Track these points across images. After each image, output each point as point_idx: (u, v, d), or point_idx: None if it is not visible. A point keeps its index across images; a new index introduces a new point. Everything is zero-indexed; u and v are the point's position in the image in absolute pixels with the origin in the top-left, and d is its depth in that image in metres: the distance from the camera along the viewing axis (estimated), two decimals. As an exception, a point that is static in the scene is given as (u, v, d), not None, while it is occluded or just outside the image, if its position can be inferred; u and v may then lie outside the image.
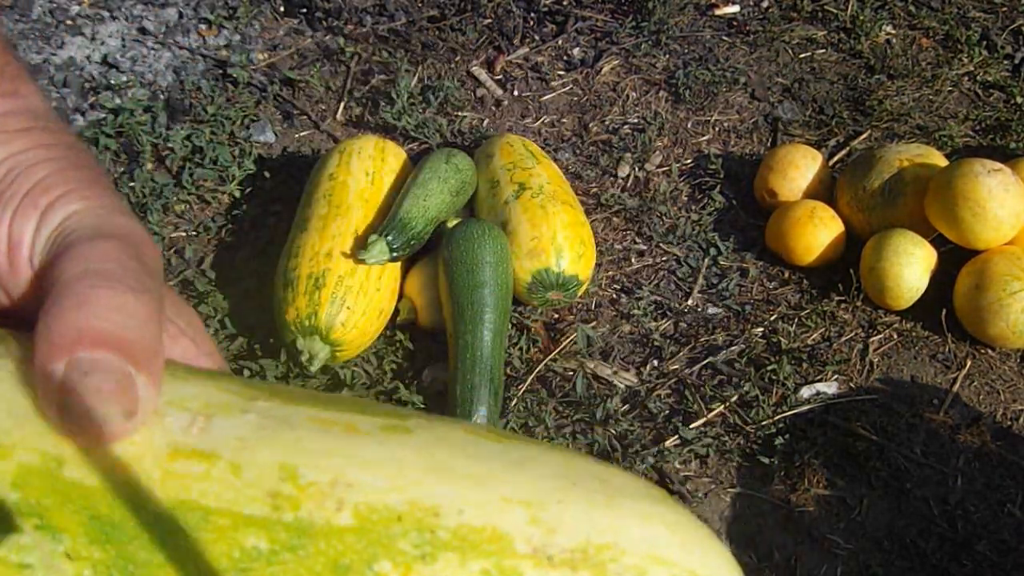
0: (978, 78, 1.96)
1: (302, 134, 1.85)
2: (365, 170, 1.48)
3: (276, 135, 1.84)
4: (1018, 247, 1.48)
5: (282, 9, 2.10)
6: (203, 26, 2.02)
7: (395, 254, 1.36)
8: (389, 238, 1.36)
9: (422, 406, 1.36)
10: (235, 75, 1.90)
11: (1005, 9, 2.10)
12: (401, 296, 1.46)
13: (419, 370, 1.42)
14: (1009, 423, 1.40)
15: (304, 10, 2.08)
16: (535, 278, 1.41)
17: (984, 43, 2.03)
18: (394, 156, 1.55)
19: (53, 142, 0.33)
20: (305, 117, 1.88)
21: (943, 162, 1.57)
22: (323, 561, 0.27)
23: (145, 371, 0.26)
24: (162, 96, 1.85)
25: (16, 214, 0.30)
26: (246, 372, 1.36)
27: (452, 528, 0.28)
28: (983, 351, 1.48)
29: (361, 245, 1.37)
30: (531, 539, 0.28)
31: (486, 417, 1.29)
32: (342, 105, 1.89)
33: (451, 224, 1.48)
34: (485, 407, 1.29)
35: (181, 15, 2.02)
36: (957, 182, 1.45)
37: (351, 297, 1.33)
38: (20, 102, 0.34)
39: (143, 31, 1.96)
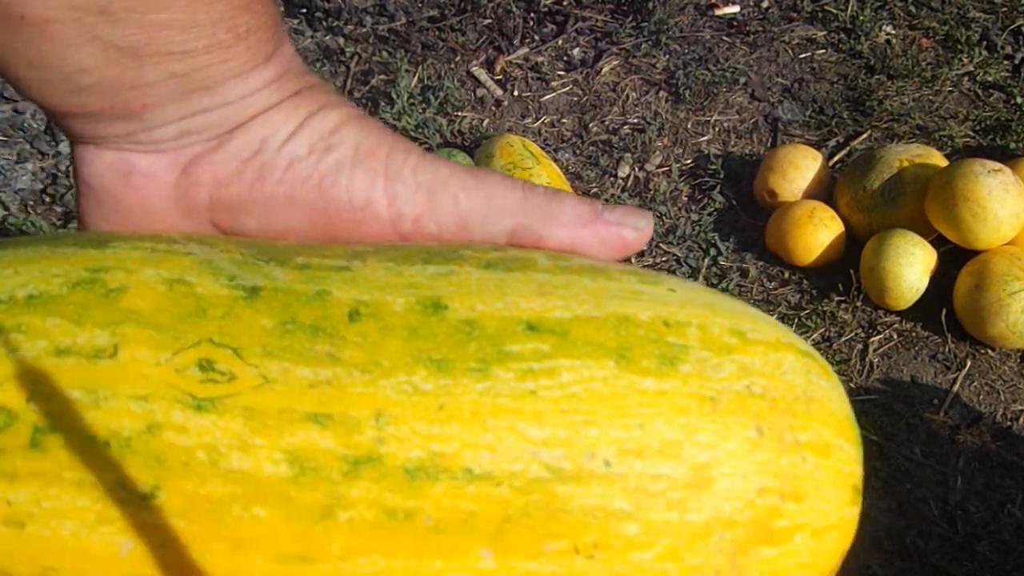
0: (978, 78, 1.96)
1: (302, 134, 1.85)
2: (365, 170, 1.48)
3: (276, 135, 1.84)
4: (1018, 247, 1.48)
5: (282, 9, 2.10)
6: (203, 26, 2.02)
7: (395, 254, 1.36)
8: (389, 238, 1.36)
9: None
10: (235, 75, 1.90)
11: (1005, 9, 2.10)
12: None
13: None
14: (1009, 423, 1.40)
15: (304, 10, 2.08)
16: (535, 278, 1.41)
17: (984, 43, 2.03)
18: (394, 156, 1.56)
19: (326, 98, 0.36)
20: (305, 117, 1.88)
21: (943, 162, 1.57)
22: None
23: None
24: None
25: (354, 180, 0.34)
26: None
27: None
28: (983, 351, 1.48)
29: (361, 245, 1.37)
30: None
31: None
32: (342, 105, 1.89)
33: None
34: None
35: (181, 15, 2.02)
36: (957, 182, 1.45)
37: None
38: (283, 59, 0.35)
39: (143, 31, 1.96)
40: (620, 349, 0.31)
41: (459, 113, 1.87)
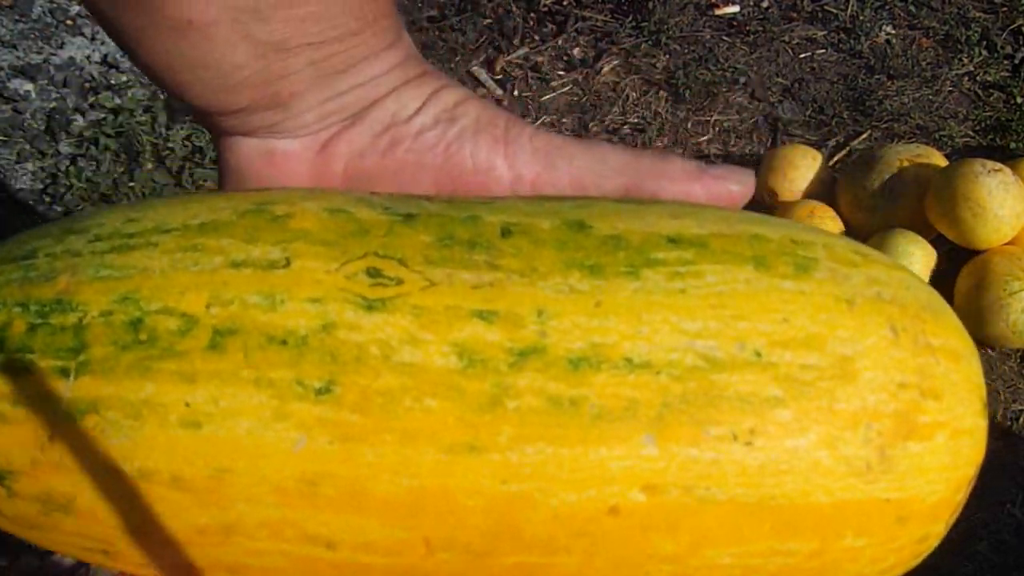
0: (978, 78, 1.96)
1: (302, 134, 1.85)
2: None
3: (276, 135, 1.84)
4: (1018, 247, 1.48)
5: (282, 9, 2.10)
6: (203, 26, 2.02)
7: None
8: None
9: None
10: (235, 75, 1.90)
11: (1005, 9, 2.10)
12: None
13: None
14: (1009, 423, 1.40)
15: (304, 10, 2.08)
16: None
17: (984, 43, 2.03)
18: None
19: (446, 80, 0.40)
20: (305, 117, 1.88)
21: (943, 162, 1.57)
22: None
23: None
24: (162, 96, 1.85)
25: (477, 146, 0.38)
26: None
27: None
28: (983, 351, 1.48)
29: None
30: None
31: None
32: (342, 105, 1.90)
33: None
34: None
35: (181, 15, 2.02)
36: (957, 182, 1.45)
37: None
38: (405, 45, 0.39)
39: (143, 31, 1.96)
40: (756, 258, 0.34)
41: (459, 113, 1.87)
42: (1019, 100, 1.90)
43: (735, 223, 0.35)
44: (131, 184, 1.66)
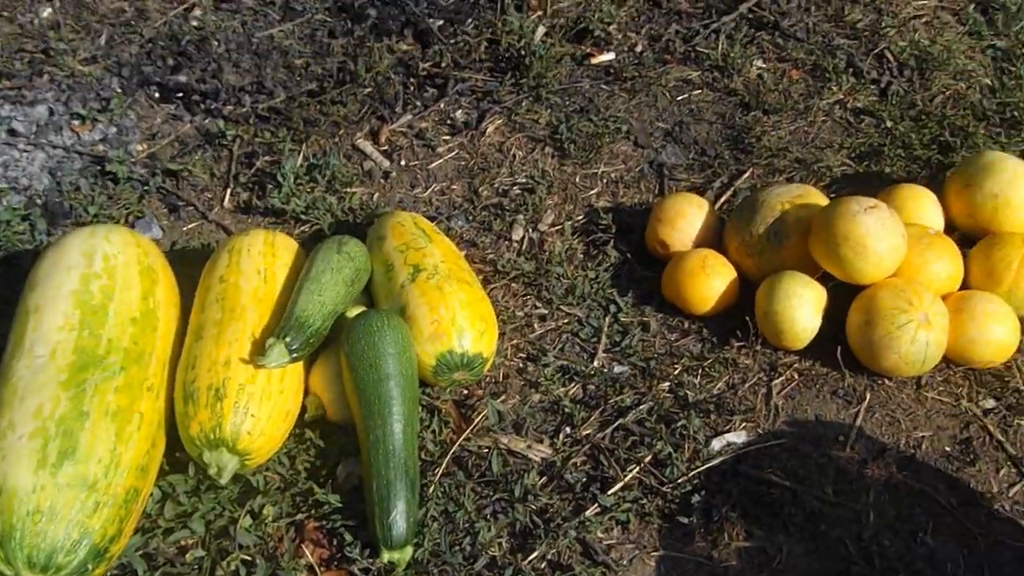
0: (848, 105, 2.03)
1: (190, 226, 1.81)
2: (256, 268, 1.46)
3: (163, 230, 1.80)
4: (901, 278, 1.53)
5: (157, 95, 2.05)
6: (76, 121, 1.96)
7: (295, 355, 1.34)
8: (287, 339, 1.34)
9: (339, 505, 1.34)
10: (114, 171, 1.86)
11: (867, 34, 2.18)
12: (307, 392, 1.44)
13: (333, 466, 1.41)
14: (912, 451, 1.44)
15: (180, 94, 2.04)
16: (439, 361, 1.41)
17: (851, 69, 2.10)
18: (285, 249, 1.53)
19: None
20: (191, 208, 1.84)
21: (823, 200, 1.62)
22: None
23: None
24: (39, 201, 1.80)
25: None
26: (156, 492, 1.33)
27: None
28: (880, 382, 1.53)
29: (259, 350, 1.34)
30: None
31: (404, 512, 1.27)
32: (228, 192, 1.86)
33: (350, 314, 1.46)
34: (403, 501, 1.28)
35: (52, 111, 1.96)
36: (836, 222, 1.49)
37: (254, 404, 1.31)
38: None
39: (12, 132, 1.90)
40: None
41: (348, 189, 1.86)
42: (889, 124, 1.97)
43: None
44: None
